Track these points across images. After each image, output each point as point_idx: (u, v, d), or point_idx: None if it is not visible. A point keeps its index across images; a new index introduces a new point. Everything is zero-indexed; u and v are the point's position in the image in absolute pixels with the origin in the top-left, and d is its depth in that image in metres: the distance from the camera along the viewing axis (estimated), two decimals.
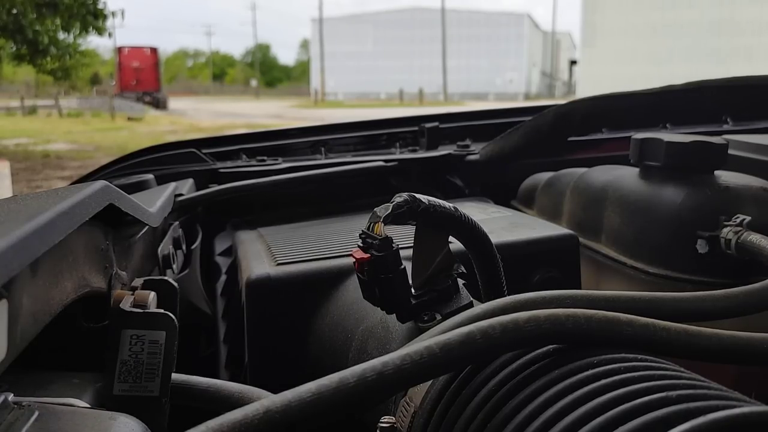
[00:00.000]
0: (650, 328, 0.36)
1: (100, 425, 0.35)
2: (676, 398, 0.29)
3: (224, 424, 0.28)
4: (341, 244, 0.78)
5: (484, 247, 0.53)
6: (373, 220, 0.48)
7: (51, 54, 12.29)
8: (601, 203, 0.91)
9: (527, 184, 1.18)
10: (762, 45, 24.40)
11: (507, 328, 0.34)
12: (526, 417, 0.33)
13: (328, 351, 0.65)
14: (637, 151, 0.85)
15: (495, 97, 44.93)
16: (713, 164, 0.82)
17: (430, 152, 1.25)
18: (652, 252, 0.81)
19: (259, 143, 1.30)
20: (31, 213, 0.34)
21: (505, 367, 0.37)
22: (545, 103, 1.30)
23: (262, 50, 78.33)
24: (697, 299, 0.46)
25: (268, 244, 0.82)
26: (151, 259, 0.71)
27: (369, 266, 0.48)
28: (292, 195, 1.10)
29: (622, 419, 0.29)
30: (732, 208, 0.75)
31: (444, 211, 0.49)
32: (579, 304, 0.42)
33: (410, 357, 0.32)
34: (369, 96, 47.37)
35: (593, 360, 0.35)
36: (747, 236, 0.71)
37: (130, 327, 0.45)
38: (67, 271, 0.41)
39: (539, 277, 0.78)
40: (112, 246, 0.50)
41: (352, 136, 1.38)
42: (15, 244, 0.30)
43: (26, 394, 0.37)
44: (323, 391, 0.30)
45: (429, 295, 0.50)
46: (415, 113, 1.49)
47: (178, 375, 0.51)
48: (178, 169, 1.15)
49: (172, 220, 0.88)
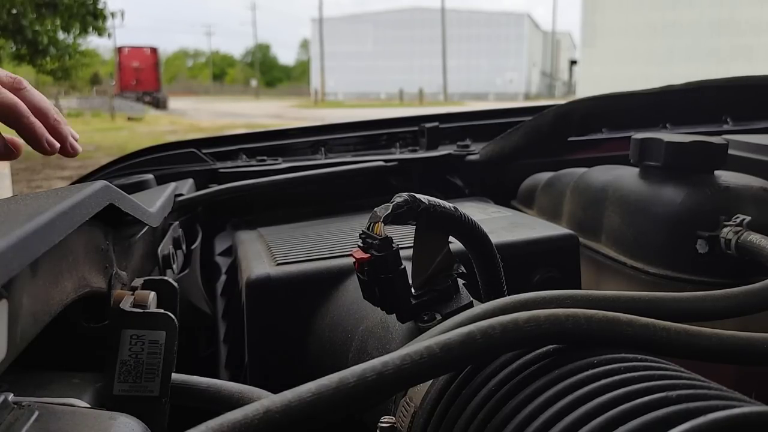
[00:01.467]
0: (650, 328, 0.36)
1: (100, 425, 0.35)
2: (676, 398, 0.29)
3: (224, 424, 0.28)
4: (341, 244, 0.78)
5: (484, 247, 0.53)
6: (373, 220, 0.48)
7: (51, 54, 12.28)
8: (601, 203, 0.91)
9: (527, 184, 1.18)
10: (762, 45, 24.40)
11: (507, 328, 0.34)
12: (526, 417, 0.33)
13: (328, 351, 0.65)
14: (637, 151, 0.85)
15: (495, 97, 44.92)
16: (713, 164, 0.82)
17: (430, 152, 1.25)
18: (652, 252, 0.81)
19: (259, 143, 1.30)
20: (31, 213, 0.34)
21: (505, 367, 0.37)
22: (545, 103, 1.30)
23: (262, 50, 78.36)
24: (697, 299, 0.46)
25: (268, 244, 0.82)
26: (151, 259, 0.71)
27: (369, 266, 0.48)
28: (292, 195, 1.10)
29: (622, 419, 0.29)
30: (732, 208, 0.75)
31: (444, 211, 0.49)
32: (579, 304, 0.42)
33: (410, 357, 0.32)
34: (369, 96, 47.37)
35: (593, 360, 0.35)
36: (747, 236, 0.71)
37: (130, 327, 0.45)
38: (67, 271, 0.41)
39: (539, 277, 0.78)
40: (112, 246, 0.50)
41: (352, 136, 1.38)
42: (15, 244, 0.30)
43: (26, 394, 0.37)
44: (323, 391, 0.30)
45: (429, 295, 0.50)
46: (415, 113, 1.49)
47: (178, 375, 0.51)
48: (178, 169, 1.15)
49: (172, 220, 0.88)
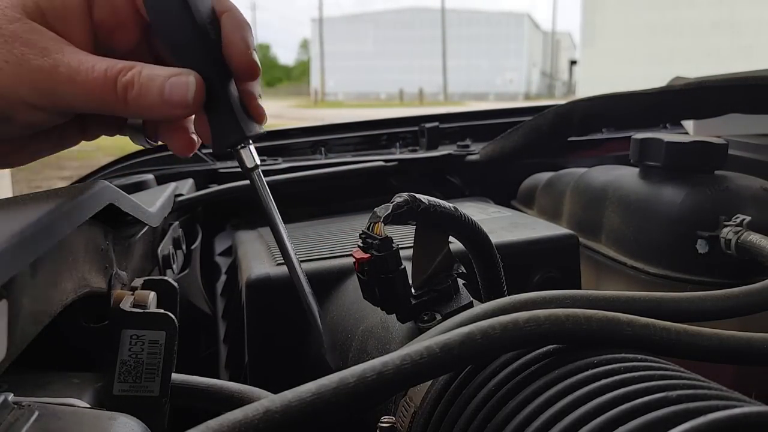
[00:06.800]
0: (650, 328, 0.36)
1: (100, 425, 0.35)
2: (676, 398, 0.29)
3: (224, 424, 0.28)
4: (341, 244, 0.78)
5: (484, 247, 0.53)
6: (373, 220, 0.48)
7: None
8: (601, 203, 0.91)
9: (527, 184, 1.18)
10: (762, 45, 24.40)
11: (507, 328, 0.34)
12: (526, 417, 0.33)
13: None
14: (637, 151, 0.85)
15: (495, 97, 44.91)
16: (713, 164, 0.82)
17: (430, 152, 1.25)
18: (652, 252, 0.81)
19: (258, 143, 1.29)
20: (31, 213, 0.34)
21: (505, 367, 0.37)
22: (545, 103, 1.30)
23: (262, 50, 78.35)
24: (698, 299, 0.46)
25: (268, 244, 0.82)
26: (151, 259, 0.71)
27: (369, 266, 0.48)
28: (292, 195, 1.10)
29: (622, 419, 0.29)
30: (732, 208, 0.75)
31: (444, 211, 0.49)
32: (579, 304, 0.42)
33: (410, 357, 0.32)
34: (369, 96, 47.35)
35: (593, 360, 0.35)
36: (747, 236, 0.71)
37: (130, 327, 0.45)
38: (67, 271, 0.41)
39: (539, 277, 0.78)
40: (112, 246, 0.50)
41: (352, 136, 1.38)
42: (15, 244, 0.30)
43: (26, 394, 0.37)
44: (323, 391, 0.30)
45: (429, 295, 0.50)
46: (415, 113, 1.49)
47: (178, 375, 0.51)
48: (178, 169, 1.15)
49: (172, 220, 0.88)
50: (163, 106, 0.42)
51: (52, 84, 0.40)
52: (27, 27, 0.40)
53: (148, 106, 0.42)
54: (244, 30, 0.44)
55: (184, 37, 0.43)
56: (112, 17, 0.44)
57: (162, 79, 0.42)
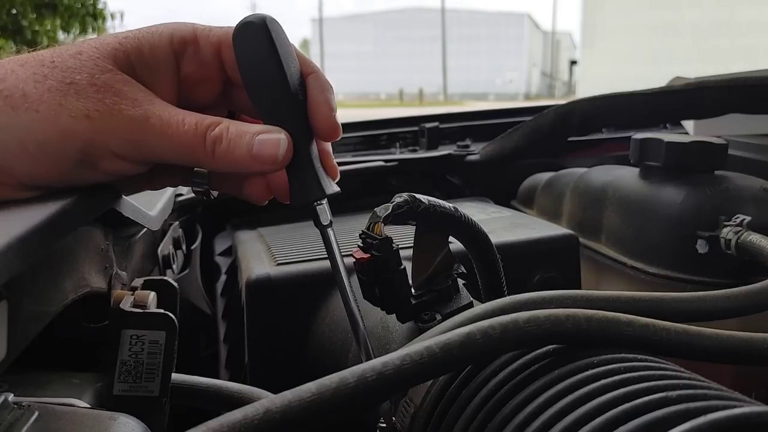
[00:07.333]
0: (650, 328, 0.36)
1: (100, 425, 0.35)
2: (676, 398, 0.29)
3: (224, 424, 0.28)
4: (341, 244, 0.78)
5: (484, 247, 0.53)
6: (373, 220, 0.48)
7: None
8: (601, 203, 0.91)
9: (527, 184, 1.18)
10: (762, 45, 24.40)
11: (507, 329, 0.34)
12: (526, 417, 0.33)
13: (328, 351, 0.65)
14: (637, 151, 0.85)
15: (495, 97, 44.91)
16: (713, 164, 0.82)
17: (430, 152, 1.25)
18: (652, 252, 0.81)
19: None
20: (31, 214, 0.34)
21: (505, 367, 0.37)
22: (545, 103, 1.30)
23: None
24: (698, 299, 0.46)
25: (268, 244, 0.82)
26: (151, 259, 0.71)
27: (369, 266, 0.48)
28: None
29: (622, 419, 0.29)
30: (732, 208, 0.75)
31: (444, 211, 0.49)
32: (579, 304, 0.42)
33: (410, 357, 0.32)
34: (369, 96, 47.36)
35: (593, 360, 0.35)
36: (747, 236, 0.71)
37: (130, 327, 0.45)
38: (67, 271, 0.41)
39: (539, 277, 0.78)
40: (112, 246, 0.50)
41: (352, 136, 1.38)
42: (15, 244, 0.30)
43: (26, 394, 0.37)
44: (323, 391, 0.30)
45: (429, 295, 0.50)
46: (415, 113, 1.49)
47: (178, 375, 0.51)
48: None
49: (172, 220, 0.88)
50: (251, 162, 0.42)
51: (143, 135, 0.40)
52: (119, 78, 0.40)
53: (235, 161, 0.42)
54: (329, 92, 0.45)
55: (276, 96, 0.43)
56: (199, 71, 0.44)
57: (250, 136, 0.42)
